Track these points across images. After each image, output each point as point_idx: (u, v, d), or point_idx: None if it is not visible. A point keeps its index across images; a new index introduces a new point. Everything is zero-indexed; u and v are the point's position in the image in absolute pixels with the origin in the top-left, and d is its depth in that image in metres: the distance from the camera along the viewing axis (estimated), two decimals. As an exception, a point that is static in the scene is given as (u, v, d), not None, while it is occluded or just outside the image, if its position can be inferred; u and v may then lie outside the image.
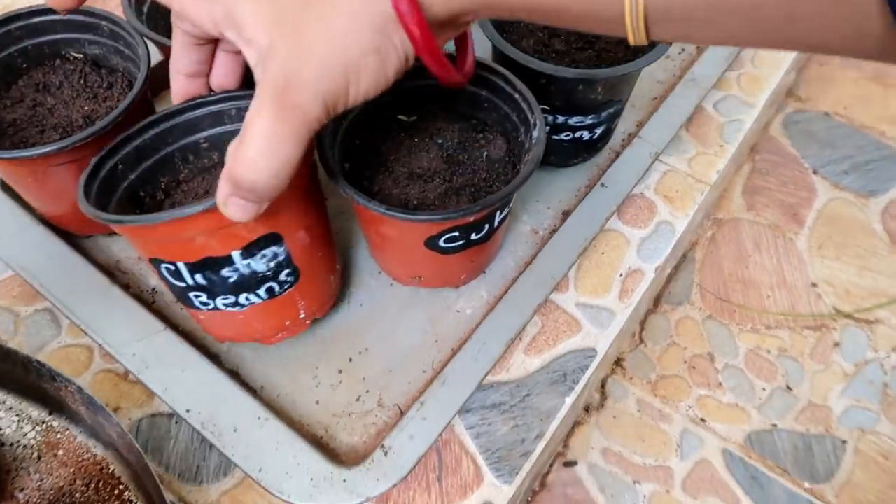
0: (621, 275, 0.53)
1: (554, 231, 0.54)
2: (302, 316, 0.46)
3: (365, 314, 0.50)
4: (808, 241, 0.72)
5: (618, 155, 0.58)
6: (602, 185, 0.55)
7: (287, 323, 0.46)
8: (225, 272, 0.39)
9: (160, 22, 0.54)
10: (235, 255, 0.38)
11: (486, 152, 0.48)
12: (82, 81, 0.51)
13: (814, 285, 0.69)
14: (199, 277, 0.39)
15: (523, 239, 0.54)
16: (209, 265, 0.38)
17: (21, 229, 0.50)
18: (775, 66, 0.68)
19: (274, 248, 0.39)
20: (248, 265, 0.39)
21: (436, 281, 0.50)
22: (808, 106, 0.85)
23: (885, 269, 0.70)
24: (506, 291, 0.50)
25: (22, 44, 0.50)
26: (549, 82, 0.49)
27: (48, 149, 0.42)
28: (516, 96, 0.46)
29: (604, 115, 0.53)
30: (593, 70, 0.47)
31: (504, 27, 0.56)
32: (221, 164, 0.46)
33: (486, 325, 0.48)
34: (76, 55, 0.52)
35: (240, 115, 0.44)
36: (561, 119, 0.52)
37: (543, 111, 0.51)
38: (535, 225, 0.55)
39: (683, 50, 0.68)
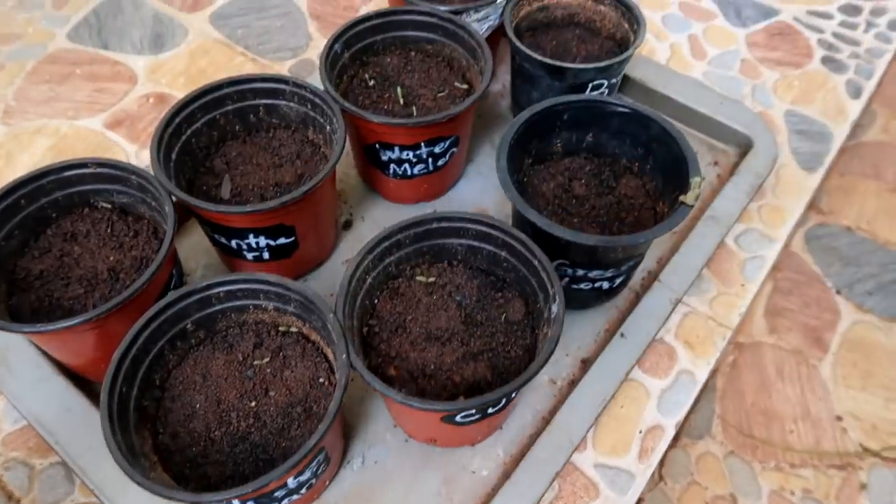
0: (641, 431, 0.52)
1: (573, 382, 0.53)
2: (327, 484, 0.48)
3: (379, 473, 0.49)
4: (833, 369, 0.71)
5: (638, 297, 0.58)
6: (622, 335, 0.54)
7: (315, 496, 0.48)
8: (277, 493, 0.41)
9: (185, 175, 0.55)
10: (290, 479, 0.41)
11: (504, 314, 0.48)
12: (109, 230, 0.52)
13: (839, 418, 0.67)
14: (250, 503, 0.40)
15: (541, 390, 0.53)
16: (265, 494, 0.40)
17: (40, 379, 0.51)
18: (797, 197, 0.68)
19: (319, 457, 0.42)
20: (298, 481, 0.41)
21: (451, 442, 0.50)
22: (830, 219, 0.84)
23: (913, 404, 0.68)
24: (523, 449, 0.49)
25: (53, 195, 0.51)
26: (569, 242, 0.49)
27: (70, 323, 0.43)
28: (535, 262, 0.46)
29: (623, 268, 0.52)
30: (613, 238, 0.47)
31: (524, 171, 0.56)
32: (208, 338, 0.47)
33: (503, 494, 0.47)
34: (105, 204, 0.53)
35: (227, 296, 0.46)
36: (581, 272, 0.52)
37: (562, 265, 0.51)
38: (553, 374, 0.54)
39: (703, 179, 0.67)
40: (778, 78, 0.76)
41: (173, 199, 0.49)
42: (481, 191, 0.66)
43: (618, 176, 0.56)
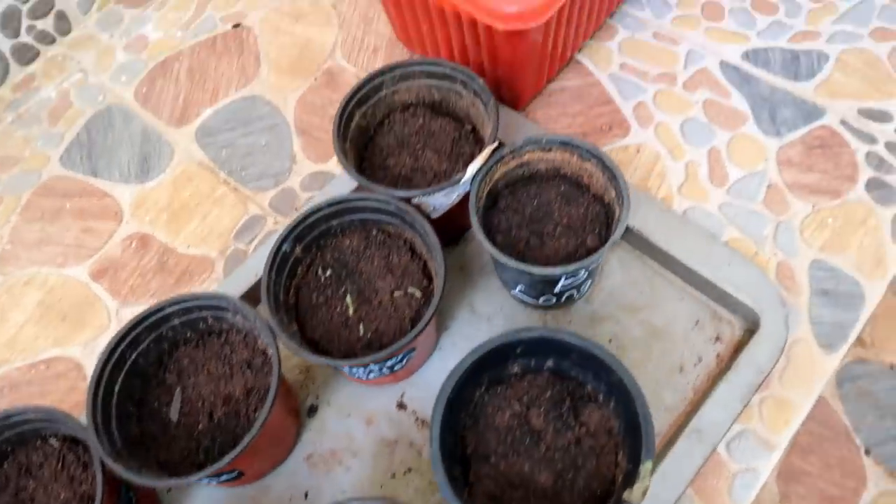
0: None
1: None
2: None
3: None
4: (849, 550, 0.64)
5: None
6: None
7: None
8: None
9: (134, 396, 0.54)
10: None
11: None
12: (59, 465, 0.53)
13: None
14: None
15: None
16: None
17: None
18: (809, 387, 0.59)
19: None
20: None
21: None
22: (871, 354, 0.74)
23: None
24: None
25: (3, 434, 0.52)
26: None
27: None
28: None
29: None
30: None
31: (475, 401, 0.52)
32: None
33: None
34: (53, 440, 0.54)
35: None
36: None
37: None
38: None
39: (687, 385, 0.60)
40: (808, 213, 0.65)
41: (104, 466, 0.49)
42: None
43: (580, 406, 0.51)
